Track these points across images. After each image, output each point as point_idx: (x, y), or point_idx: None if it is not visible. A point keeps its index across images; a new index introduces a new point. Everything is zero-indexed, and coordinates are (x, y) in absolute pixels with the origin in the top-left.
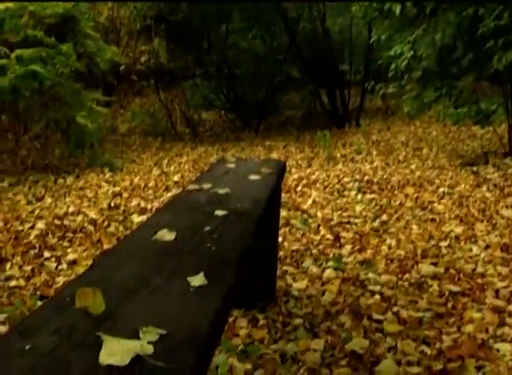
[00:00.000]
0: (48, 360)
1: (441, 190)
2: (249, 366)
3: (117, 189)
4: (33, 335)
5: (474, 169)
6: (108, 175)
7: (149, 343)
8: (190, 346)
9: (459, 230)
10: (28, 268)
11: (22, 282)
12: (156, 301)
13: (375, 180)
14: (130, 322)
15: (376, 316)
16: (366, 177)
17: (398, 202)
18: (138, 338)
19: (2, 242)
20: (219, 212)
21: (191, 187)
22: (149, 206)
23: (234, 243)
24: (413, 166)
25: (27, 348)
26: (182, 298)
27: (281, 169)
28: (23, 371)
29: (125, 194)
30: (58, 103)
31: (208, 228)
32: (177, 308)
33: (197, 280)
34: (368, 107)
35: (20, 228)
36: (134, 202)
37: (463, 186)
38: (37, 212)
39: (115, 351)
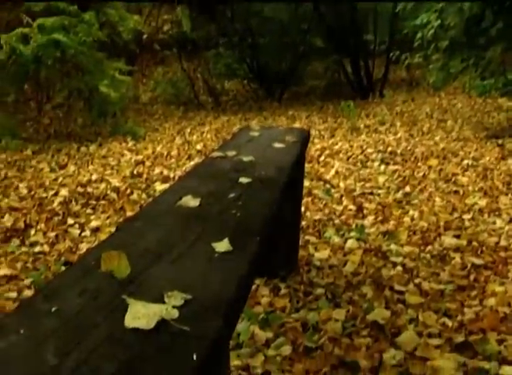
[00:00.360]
0: (74, 322)
1: (465, 162)
2: (270, 334)
3: (140, 157)
4: (58, 298)
5: (500, 141)
6: (130, 143)
7: (174, 307)
8: (216, 311)
9: (483, 202)
10: (52, 234)
11: (46, 248)
12: (181, 266)
13: (399, 151)
14: (155, 286)
15: (398, 288)
16: (389, 148)
17: (421, 174)
18: (163, 302)
19: (26, 209)
20: (244, 180)
21: (215, 154)
22: (172, 175)
23: (258, 210)
24: (437, 138)
25: (53, 310)
26: (207, 264)
27: (305, 138)
28: (50, 332)
29: (147, 163)
30: (81, 72)
31: (232, 195)
32: (202, 273)
33: (222, 246)
34: (392, 78)
35: (44, 195)
36: (157, 171)
37: (487, 158)
38: (60, 179)
39: (140, 314)
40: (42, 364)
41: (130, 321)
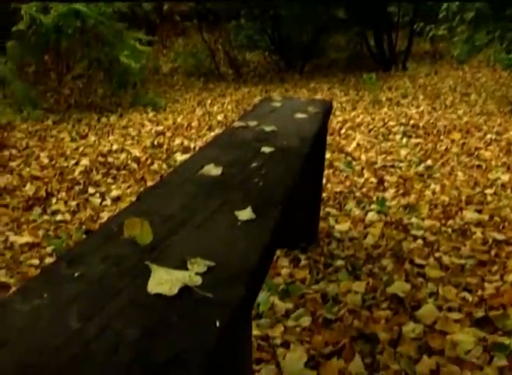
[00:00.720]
0: (97, 287)
1: (488, 136)
2: (290, 305)
3: (160, 128)
4: (81, 263)
5: None
6: (151, 114)
7: (197, 274)
8: (239, 279)
9: (505, 177)
10: (73, 203)
11: (67, 216)
12: (203, 233)
13: (421, 124)
14: (178, 253)
15: (418, 261)
16: (412, 121)
17: (444, 148)
18: (186, 269)
19: (48, 178)
20: (266, 149)
21: (237, 124)
22: (192, 145)
23: (281, 180)
24: (460, 112)
25: (76, 275)
26: (229, 232)
27: (327, 109)
28: (73, 297)
29: (168, 133)
30: (101, 42)
31: (254, 164)
32: (225, 241)
33: (245, 214)
34: (415, 50)
35: (65, 164)
36: (177, 141)
37: (511, 133)
38: (81, 149)
39: (163, 280)
40: (66, 328)
41: (153, 287)
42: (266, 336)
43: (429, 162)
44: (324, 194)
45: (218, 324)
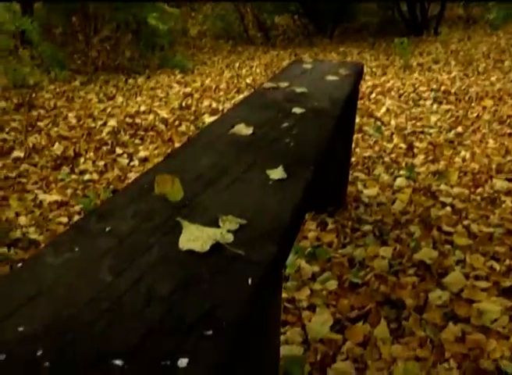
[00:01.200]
0: (127, 242)
1: None
2: (316, 269)
3: (188, 90)
4: (112, 218)
5: None
6: (178, 76)
7: (229, 231)
8: (271, 237)
9: None
10: (101, 163)
11: (95, 176)
12: (235, 191)
13: (452, 90)
14: (209, 210)
15: (446, 228)
16: (443, 87)
17: (475, 115)
18: (218, 226)
19: (76, 138)
20: (297, 110)
21: (267, 85)
22: (220, 107)
23: (312, 141)
24: (493, 78)
25: (107, 229)
26: (261, 190)
27: (358, 72)
28: (104, 251)
29: (196, 95)
30: (129, 4)
31: (285, 124)
32: (257, 199)
33: (277, 173)
34: (448, 15)
35: (93, 125)
36: (205, 103)
37: None
38: (108, 110)
39: (194, 237)
40: (97, 282)
41: (185, 243)
42: (292, 298)
43: (460, 128)
44: (352, 159)
45: (250, 282)
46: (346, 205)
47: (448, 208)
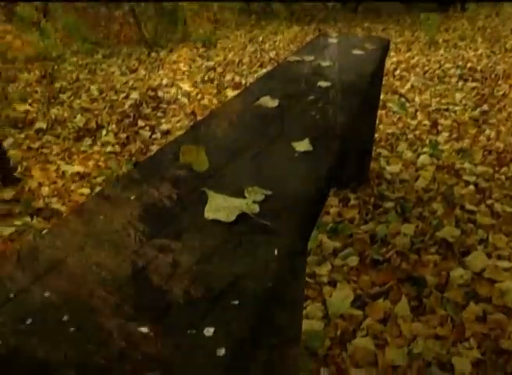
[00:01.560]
0: (153, 211)
1: None
2: (338, 244)
3: (211, 64)
4: (137, 187)
5: None
6: (201, 50)
7: (254, 202)
8: (296, 209)
9: None
10: (123, 135)
11: (117, 148)
12: (260, 163)
13: (479, 68)
14: (235, 181)
15: (469, 207)
16: (469, 65)
17: (501, 93)
18: (243, 197)
19: (98, 110)
20: (322, 84)
21: (292, 58)
22: (243, 81)
23: (338, 114)
24: None
25: (132, 198)
26: (287, 162)
27: (385, 47)
28: (130, 218)
29: (219, 69)
30: None
31: (311, 97)
32: (282, 171)
33: (302, 146)
34: None
35: (115, 98)
36: (228, 77)
37: None
38: (130, 83)
39: (220, 207)
40: (123, 249)
41: (210, 213)
42: (313, 273)
43: (485, 107)
44: (376, 135)
45: (276, 253)
46: (369, 182)
47: (471, 187)
